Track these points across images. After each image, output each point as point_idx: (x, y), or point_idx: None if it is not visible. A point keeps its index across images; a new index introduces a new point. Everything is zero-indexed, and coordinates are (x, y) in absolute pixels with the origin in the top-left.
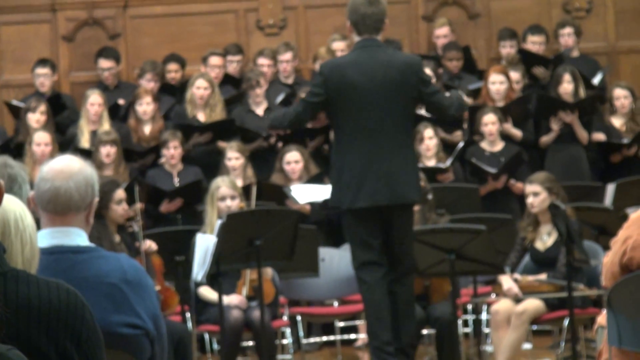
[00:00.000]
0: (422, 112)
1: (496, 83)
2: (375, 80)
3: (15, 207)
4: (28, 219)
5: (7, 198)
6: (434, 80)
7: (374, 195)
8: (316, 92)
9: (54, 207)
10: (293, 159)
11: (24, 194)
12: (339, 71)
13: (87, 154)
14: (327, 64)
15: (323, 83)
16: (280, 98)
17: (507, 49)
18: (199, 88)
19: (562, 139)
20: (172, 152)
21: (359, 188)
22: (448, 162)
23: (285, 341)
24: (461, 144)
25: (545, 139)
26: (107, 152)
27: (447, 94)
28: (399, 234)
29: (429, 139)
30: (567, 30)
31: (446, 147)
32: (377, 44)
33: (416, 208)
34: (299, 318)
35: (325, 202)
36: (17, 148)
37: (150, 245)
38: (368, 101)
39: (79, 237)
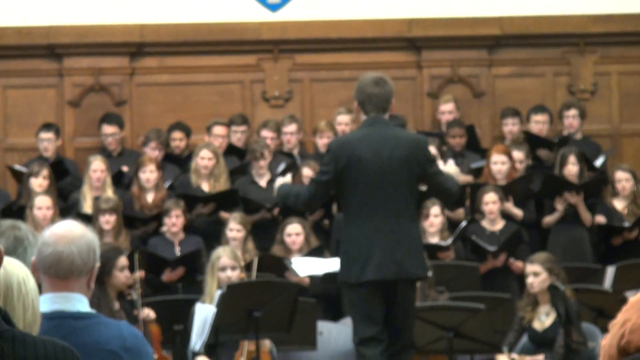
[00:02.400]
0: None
1: (498, 163)
2: (383, 155)
3: (18, 271)
4: (31, 283)
5: (11, 262)
6: (437, 158)
7: (380, 269)
8: (325, 170)
9: (55, 271)
10: (294, 231)
11: (29, 257)
12: (347, 147)
13: (87, 220)
14: (335, 141)
15: (332, 160)
16: (281, 168)
17: (510, 126)
18: (204, 158)
19: (566, 220)
20: (174, 220)
21: (365, 262)
22: (449, 241)
23: None
24: (464, 223)
25: (549, 219)
26: (107, 220)
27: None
28: (401, 309)
29: (435, 217)
30: (572, 112)
31: (449, 224)
32: (384, 122)
33: (417, 284)
34: None
35: (326, 275)
36: (19, 211)
37: (148, 313)
38: (375, 176)
39: (80, 303)
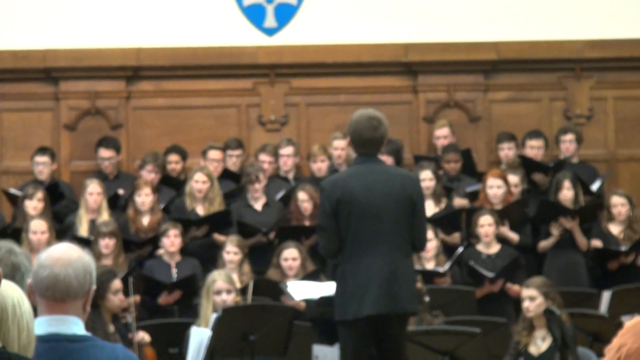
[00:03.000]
0: None
1: (493, 187)
2: (376, 190)
3: (13, 293)
4: (26, 305)
5: (6, 284)
6: (433, 182)
7: (376, 304)
8: (322, 211)
9: (52, 294)
10: (291, 255)
11: (25, 283)
12: (340, 184)
13: (85, 243)
14: (327, 181)
15: (326, 199)
16: (280, 195)
17: (505, 151)
18: (198, 182)
19: (561, 245)
20: (172, 240)
21: (362, 297)
22: (446, 267)
23: None
24: (460, 249)
25: (544, 244)
26: (106, 243)
27: None
28: (394, 343)
29: (428, 241)
30: (569, 136)
31: (444, 248)
32: (375, 159)
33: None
34: None
35: (322, 299)
36: (14, 234)
37: (143, 336)
38: (369, 211)
39: (75, 326)
